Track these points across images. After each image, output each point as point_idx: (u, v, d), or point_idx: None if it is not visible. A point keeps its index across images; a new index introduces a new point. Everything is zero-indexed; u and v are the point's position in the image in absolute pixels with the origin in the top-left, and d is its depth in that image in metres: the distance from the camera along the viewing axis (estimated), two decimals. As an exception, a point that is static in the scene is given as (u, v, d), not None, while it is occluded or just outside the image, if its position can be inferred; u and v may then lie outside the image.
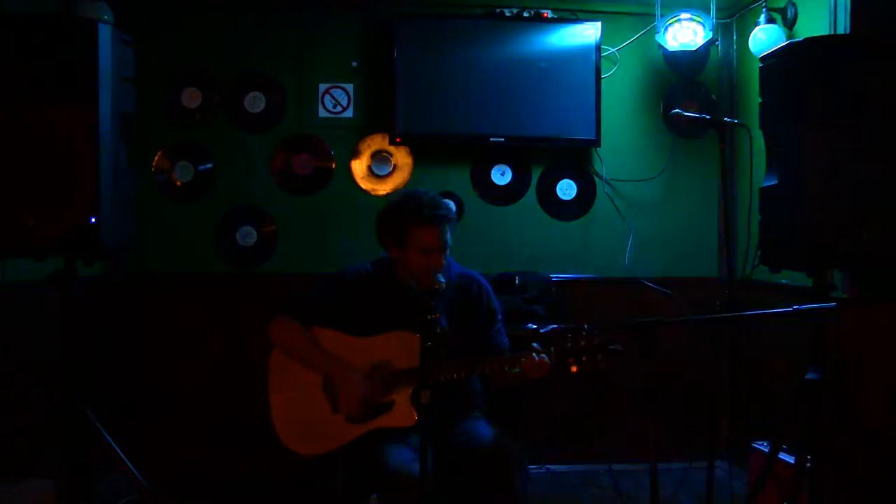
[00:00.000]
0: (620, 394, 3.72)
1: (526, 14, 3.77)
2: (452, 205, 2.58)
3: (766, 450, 2.91)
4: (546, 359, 2.36)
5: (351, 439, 2.47)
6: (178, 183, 3.77)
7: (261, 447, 3.52)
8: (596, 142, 3.81)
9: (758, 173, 2.66)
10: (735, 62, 3.97)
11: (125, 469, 2.50)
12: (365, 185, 3.83)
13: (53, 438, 2.47)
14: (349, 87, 3.82)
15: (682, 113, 3.22)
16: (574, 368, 2.32)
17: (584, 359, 2.31)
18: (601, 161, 3.90)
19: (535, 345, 2.38)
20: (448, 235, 2.51)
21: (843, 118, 2.26)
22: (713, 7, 3.74)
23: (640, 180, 3.93)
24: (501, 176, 3.90)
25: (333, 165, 3.83)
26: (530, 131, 3.78)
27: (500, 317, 2.69)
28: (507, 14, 3.76)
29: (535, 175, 3.92)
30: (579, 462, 3.86)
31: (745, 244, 3.49)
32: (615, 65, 3.90)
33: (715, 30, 3.76)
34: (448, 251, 2.54)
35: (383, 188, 3.83)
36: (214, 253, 3.79)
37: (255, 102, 3.79)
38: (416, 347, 2.11)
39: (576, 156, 3.92)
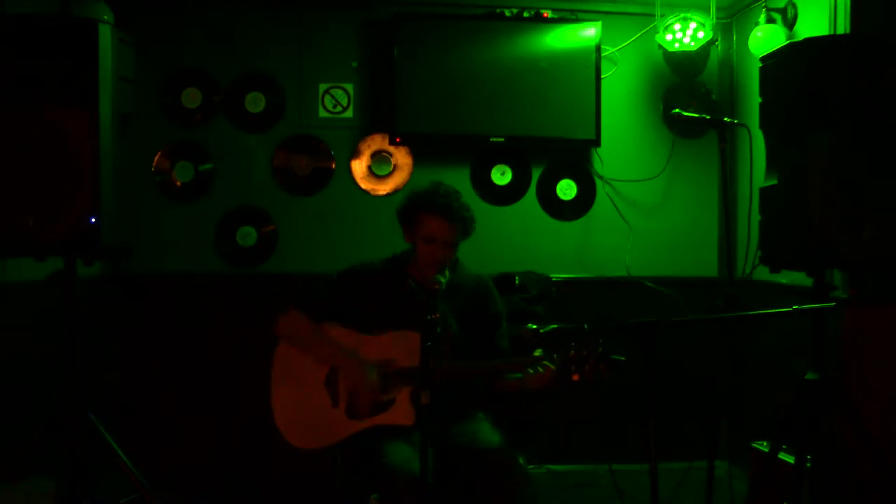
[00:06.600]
0: (620, 393, 3.71)
1: (526, 14, 3.76)
2: (469, 208, 2.61)
3: (766, 450, 2.91)
4: (542, 371, 2.35)
5: (349, 435, 2.48)
6: (178, 183, 3.77)
7: (261, 447, 3.54)
8: (596, 142, 3.81)
9: (758, 173, 2.66)
10: (735, 62, 3.96)
11: (125, 469, 2.49)
12: (365, 185, 3.83)
13: (53, 438, 2.47)
14: (349, 87, 3.82)
15: (682, 113, 3.22)
16: (576, 377, 2.33)
17: (586, 368, 2.32)
18: (601, 161, 3.90)
19: (539, 355, 2.37)
20: (456, 232, 2.54)
21: (843, 118, 2.26)
22: (713, 7, 3.74)
23: (640, 180, 3.93)
24: (501, 176, 3.90)
25: (333, 165, 3.83)
26: (530, 131, 3.77)
27: (504, 321, 2.70)
28: (507, 14, 3.76)
29: (535, 175, 3.92)
30: (579, 462, 3.86)
31: (745, 244, 3.49)
32: (615, 65, 3.90)
33: (715, 30, 3.76)
34: (454, 250, 2.57)
35: (383, 188, 3.83)
36: (214, 253, 3.79)
37: (255, 102, 3.79)
38: (418, 347, 2.12)
39: (576, 156, 3.92)
